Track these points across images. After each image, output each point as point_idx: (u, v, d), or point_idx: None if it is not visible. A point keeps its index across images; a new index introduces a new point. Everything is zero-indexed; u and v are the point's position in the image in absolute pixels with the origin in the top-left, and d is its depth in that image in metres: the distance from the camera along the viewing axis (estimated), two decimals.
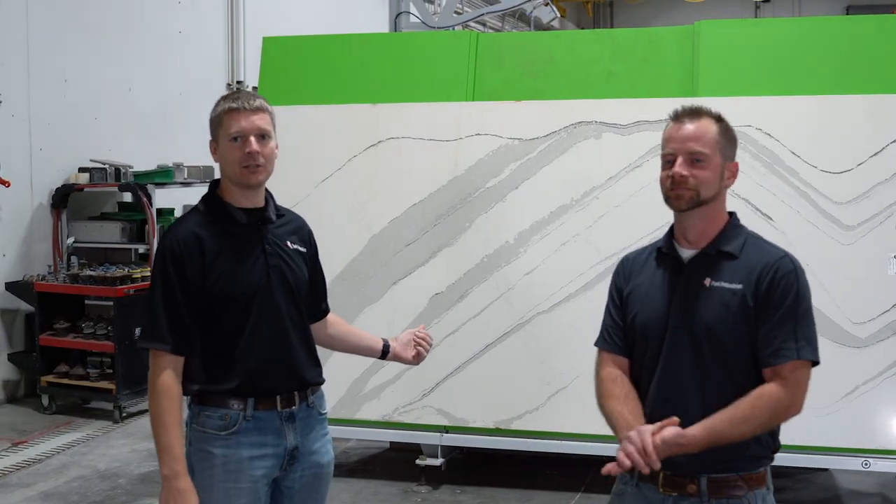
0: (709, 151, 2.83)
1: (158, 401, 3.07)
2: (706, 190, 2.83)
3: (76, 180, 8.60)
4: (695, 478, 2.79)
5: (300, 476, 3.26)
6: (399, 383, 5.99)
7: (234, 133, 3.13)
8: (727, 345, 2.77)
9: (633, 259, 3.06)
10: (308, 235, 3.42)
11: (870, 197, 5.51)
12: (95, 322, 7.99)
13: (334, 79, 6.41)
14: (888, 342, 5.44)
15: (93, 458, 6.79)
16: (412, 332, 3.68)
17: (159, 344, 3.09)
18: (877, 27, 5.71)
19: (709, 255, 2.86)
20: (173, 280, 3.10)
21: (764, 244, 2.90)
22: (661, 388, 2.85)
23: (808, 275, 5.42)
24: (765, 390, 2.72)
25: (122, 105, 9.58)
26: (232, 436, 3.14)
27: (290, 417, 3.21)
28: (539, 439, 5.82)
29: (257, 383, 3.15)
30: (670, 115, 2.95)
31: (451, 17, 12.94)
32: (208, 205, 3.24)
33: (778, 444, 2.87)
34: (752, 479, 2.80)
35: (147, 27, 9.98)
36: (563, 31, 9.69)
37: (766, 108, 5.67)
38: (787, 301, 2.76)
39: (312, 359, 3.32)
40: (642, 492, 2.87)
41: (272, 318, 3.19)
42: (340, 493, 5.92)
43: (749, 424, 2.69)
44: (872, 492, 5.99)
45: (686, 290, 2.85)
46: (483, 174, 5.99)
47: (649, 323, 2.90)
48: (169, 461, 3.05)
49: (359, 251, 6.09)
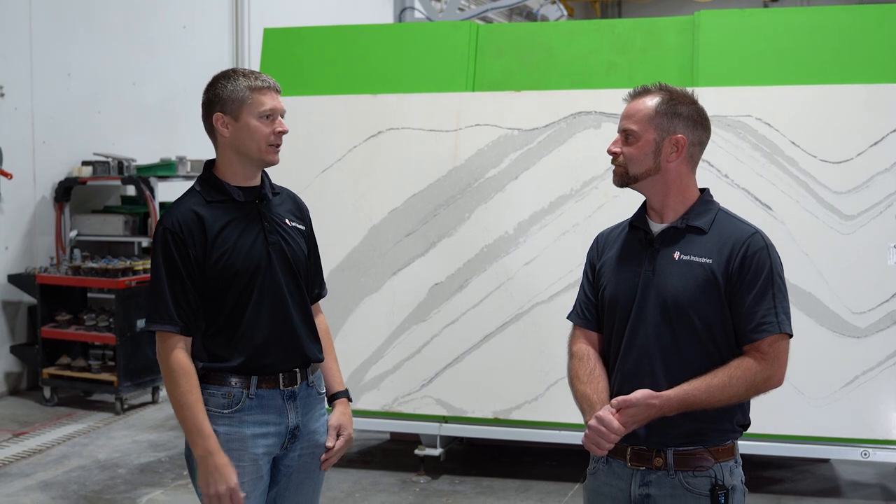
0: (637, 128, 2.85)
1: (177, 382, 3.06)
2: (634, 166, 2.87)
3: (79, 173, 8.61)
4: (661, 451, 2.81)
5: (299, 455, 3.28)
6: (398, 373, 5.99)
7: (266, 111, 3.14)
8: (694, 318, 2.78)
9: (608, 234, 3.09)
10: (304, 213, 3.44)
11: (869, 186, 5.49)
12: (97, 314, 8.02)
13: (335, 69, 6.41)
14: (888, 332, 5.42)
15: (93, 448, 6.81)
16: (346, 435, 3.39)
17: (168, 326, 3.08)
18: (876, 16, 5.69)
19: (678, 230, 2.87)
20: (176, 261, 3.09)
21: (734, 220, 2.90)
22: (627, 361, 2.87)
23: (808, 264, 5.49)
24: (743, 362, 2.75)
25: (125, 99, 9.60)
26: (235, 414, 3.14)
27: (292, 396, 3.22)
28: (538, 429, 5.82)
29: (260, 360, 3.16)
30: (624, 96, 2.98)
31: (455, 12, 12.96)
32: (205, 184, 3.23)
33: (747, 421, 2.88)
34: (719, 451, 2.82)
35: (151, 21, 10.00)
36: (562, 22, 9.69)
37: (765, 97, 5.67)
38: (762, 277, 2.77)
39: (313, 335, 3.33)
40: (612, 468, 2.90)
41: (274, 295, 3.19)
42: (340, 483, 5.93)
43: (725, 393, 2.72)
44: (872, 482, 5.98)
45: (655, 263, 2.86)
46: (483, 164, 5.98)
47: (617, 295, 2.92)
48: (201, 441, 3.05)
49: (359, 241, 6.10)
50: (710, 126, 2.94)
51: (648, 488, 2.83)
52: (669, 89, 2.89)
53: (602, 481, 2.93)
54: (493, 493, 5.87)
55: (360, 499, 5.77)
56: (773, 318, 2.76)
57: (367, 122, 6.18)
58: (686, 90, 2.92)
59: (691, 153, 2.88)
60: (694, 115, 2.88)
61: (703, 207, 2.90)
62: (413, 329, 5.99)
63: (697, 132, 2.88)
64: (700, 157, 2.94)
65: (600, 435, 2.73)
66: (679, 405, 2.71)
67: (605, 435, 2.73)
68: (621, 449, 2.85)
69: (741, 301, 2.77)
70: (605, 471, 2.93)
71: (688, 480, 2.79)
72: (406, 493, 5.86)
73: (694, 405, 2.71)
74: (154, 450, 6.71)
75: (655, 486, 2.82)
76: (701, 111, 2.90)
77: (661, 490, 2.81)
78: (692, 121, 2.87)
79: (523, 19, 19.94)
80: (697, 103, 2.90)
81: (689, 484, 2.79)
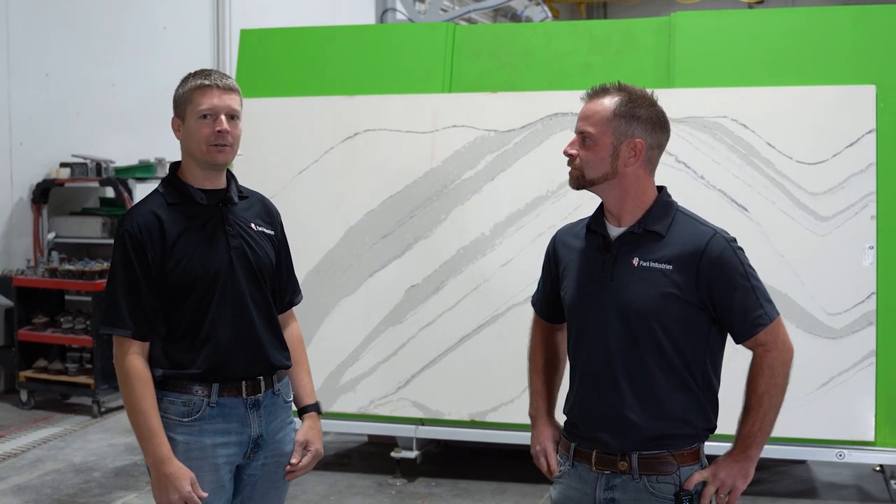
0: (594, 131, 2.79)
1: (131, 387, 3.03)
2: (591, 170, 2.81)
3: (57, 175, 8.55)
4: (626, 455, 2.79)
5: (263, 464, 3.23)
6: (374, 376, 5.97)
7: (204, 110, 3.08)
8: (654, 325, 2.75)
9: (564, 234, 3.06)
10: (274, 218, 3.38)
11: (845, 188, 5.49)
12: (74, 317, 7.97)
13: (311, 71, 6.39)
14: (863, 333, 5.42)
15: (69, 452, 6.76)
16: (313, 451, 3.33)
17: (120, 329, 3.04)
18: (852, 18, 5.69)
19: (636, 234, 2.83)
20: (133, 263, 3.05)
21: (693, 222, 2.85)
22: (588, 369, 2.86)
23: (784, 266, 5.48)
24: (757, 369, 2.79)
25: (104, 100, 9.54)
26: (195, 422, 3.09)
27: (255, 405, 3.17)
28: (514, 431, 5.79)
29: (222, 368, 3.11)
30: (582, 96, 2.92)
31: (437, 13, 12.95)
32: (168, 186, 3.19)
33: (712, 425, 2.86)
34: (684, 455, 2.80)
35: (131, 22, 9.94)
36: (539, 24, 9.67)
37: (741, 98, 5.66)
38: (736, 276, 2.75)
39: (279, 342, 3.27)
40: (578, 471, 2.89)
41: (236, 301, 3.14)
42: (315, 486, 5.90)
43: (774, 405, 2.78)
44: (848, 483, 5.98)
45: (613, 270, 2.82)
46: (459, 166, 5.96)
47: (577, 301, 2.89)
48: (152, 448, 3.01)
49: (335, 243, 6.07)
50: (670, 127, 2.89)
51: (613, 492, 2.81)
52: (628, 90, 2.83)
53: (567, 484, 2.92)
54: (470, 495, 5.85)
55: (335, 501, 5.75)
56: (760, 310, 2.76)
57: (344, 123, 6.16)
58: (645, 91, 2.86)
59: (649, 156, 2.83)
60: (653, 118, 2.82)
61: (660, 210, 2.84)
62: (389, 331, 5.97)
63: (656, 135, 2.83)
64: (659, 160, 2.89)
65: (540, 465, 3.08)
66: (758, 451, 2.80)
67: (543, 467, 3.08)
68: (586, 453, 2.85)
69: (727, 305, 2.76)
70: (570, 473, 2.91)
71: (652, 485, 2.78)
72: (382, 496, 5.83)
73: (768, 435, 2.79)
74: (130, 453, 6.66)
75: (620, 490, 2.80)
76: (660, 113, 2.84)
77: (626, 494, 2.79)
78: (651, 123, 2.82)
79: (508, 20, 19.94)
80: (657, 105, 2.85)
81: (654, 488, 2.77)
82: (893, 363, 5.41)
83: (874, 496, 5.79)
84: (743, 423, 2.79)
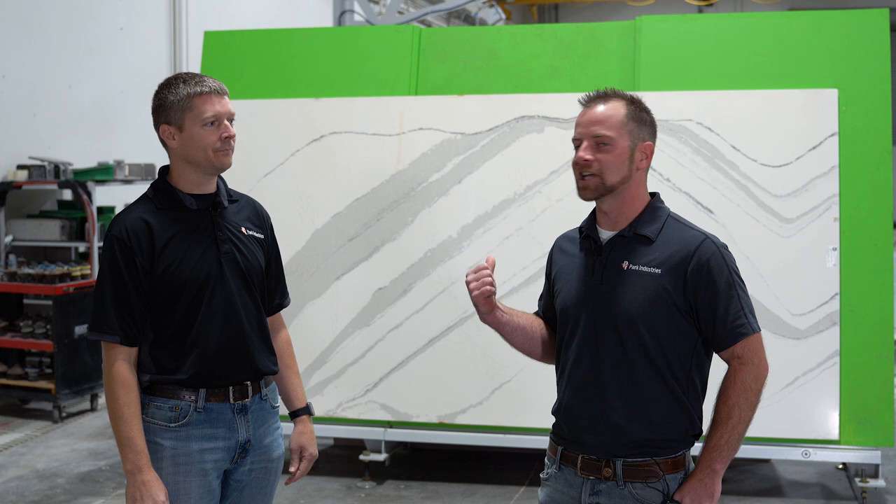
0: (613, 134, 2.79)
1: (116, 394, 3.01)
2: (611, 174, 2.78)
3: (14, 178, 8.44)
4: (610, 462, 2.79)
5: (249, 469, 3.22)
6: (342, 379, 5.96)
7: (209, 118, 3.07)
8: (643, 330, 2.76)
9: (562, 240, 3.07)
10: (264, 220, 3.38)
11: (808, 190, 5.57)
12: (34, 321, 7.88)
13: (276, 73, 6.37)
14: (827, 333, 5.50)
15: (31, 458, 6.68)
16: (308, 456, 3.37)
17: (108, 335, 3.04)
18: (814, 22, 5.77)
19: (626, 238, 2.84)
20: (122, 268, 3.04)
21: (684, 227, 2.86)
22: (577, 373, 2.86)
23: (749, 267, 5.55)
24: (729, 383, 2.76)
25: (61, 102, 9.43)
26: (182, 428, 3.08)
27: (243, 410, 3.16)
28: (483, 433, 5.83)
29: (210, 373, 3.10)
30: (581, 100, 2.92)
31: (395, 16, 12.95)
32: (157, 191, 3.17)
33: (698, 430, 2.86)
34: (669, 463, 2.79)
35: (88, 22, 9.82)
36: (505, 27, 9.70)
37: (706, 102, 5.72)
38: (723, 282, 2.76)
39: (267, 346, 3.27)
40: (564, 475, 2.89)
41: (225, 306, 3.13)
42: (283, 490, 5.88)
43: (743, 420, 2.73)
44: (812, 482, 6.06)
45: (603, 273, 2.83)
46: (426, 168, 5.97)
47: (568, 305, 2.90)
48: (131, 455, 2.99)
49: (302, 246, 6.06)
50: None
51: (598, 498, 2.81)
52: (627, 95, 2.87)
53: (554, 487, 2.93)
54: (439, 497, 5.86)
55: None
56: (743, 320, 2.75)
57: (310, 125, 6.15)
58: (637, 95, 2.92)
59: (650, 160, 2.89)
60: (654, 122, 2.88)
61: (651, 214, 2.86)
62: (357, 334, 5.96)
63: (655, 139, 2.89)
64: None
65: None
66: (723, 464, 2.75)
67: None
68: (572, 457, 2.85)
69: (711, 309, 2.75)
70: (556, 476, 2.92)
71: (638, 492, 2.77)
72: (351, 499, 5.82)
73: (730, 448, 2.74)
74: (94, 458, 6.60)
75: (605, 495, 2.80)
76: (654, 118, 2.91)
77: (612, 500, 2.79)
78: (654, 127, 2.88)
79: (462, 23, 19.99)
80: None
81: (640, 496, 2.77)
82: (857, 363, 5.50)
83: (838, 493, 5.88)
84: (710, 437, 2.76)
